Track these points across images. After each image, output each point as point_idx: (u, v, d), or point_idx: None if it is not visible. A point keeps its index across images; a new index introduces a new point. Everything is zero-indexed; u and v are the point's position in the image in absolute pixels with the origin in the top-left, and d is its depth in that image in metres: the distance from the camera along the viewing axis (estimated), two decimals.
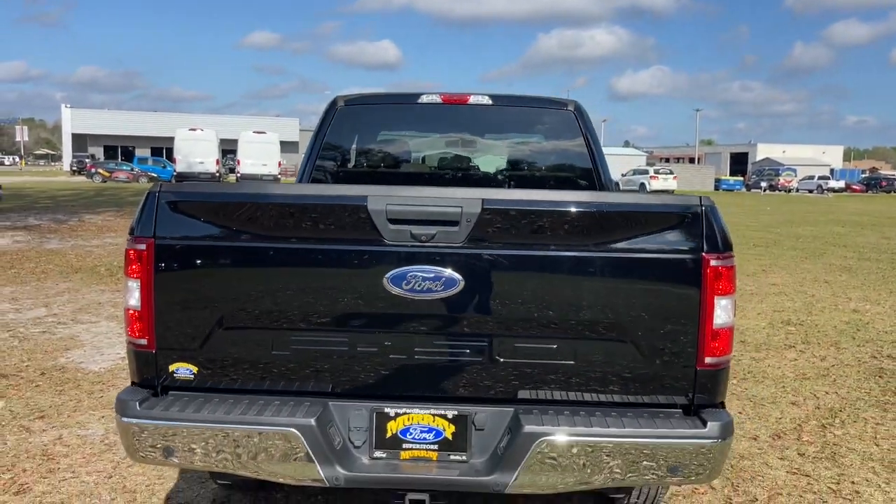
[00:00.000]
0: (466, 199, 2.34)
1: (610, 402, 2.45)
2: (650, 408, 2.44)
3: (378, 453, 2.43)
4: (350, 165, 4.66)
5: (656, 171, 44.60)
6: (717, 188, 53.25)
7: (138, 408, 2.38)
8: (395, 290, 2.34)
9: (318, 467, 2.33)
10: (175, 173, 36.68)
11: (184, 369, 2.46)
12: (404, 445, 2.44)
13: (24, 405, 4.56)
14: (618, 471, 2.34)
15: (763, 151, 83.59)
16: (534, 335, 2.40)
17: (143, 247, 2.40)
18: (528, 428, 2.33)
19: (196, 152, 35.53)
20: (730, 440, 2.39)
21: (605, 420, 2.38)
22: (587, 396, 2.45)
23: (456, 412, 2.44)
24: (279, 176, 36.51)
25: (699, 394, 2.43)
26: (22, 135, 69.78)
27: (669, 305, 2.39)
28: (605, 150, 4.59)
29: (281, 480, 2.41)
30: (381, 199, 2.35)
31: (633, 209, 2.41)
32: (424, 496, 2.41)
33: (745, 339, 6.45)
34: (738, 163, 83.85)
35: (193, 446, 2.36)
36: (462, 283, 2.34)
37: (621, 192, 2.57)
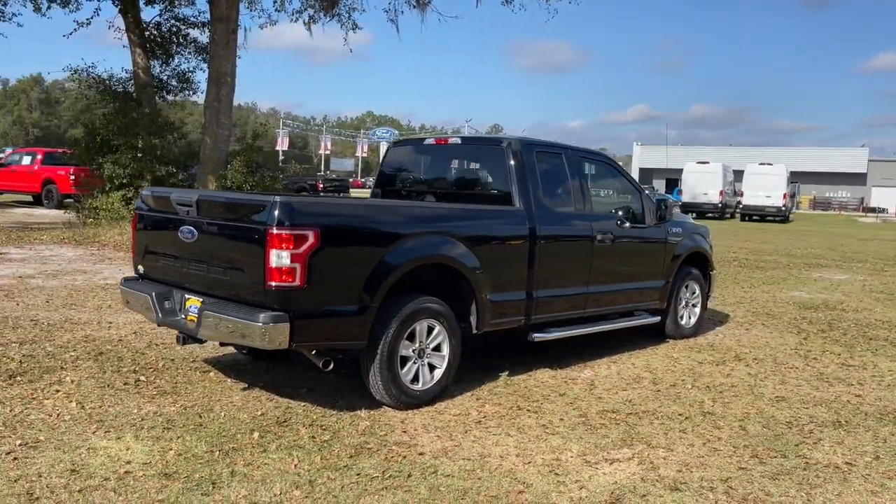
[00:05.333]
0: (194, 195, 4.95)
1: (241, 299, 4.70)
2: (255, 305, 4.61)
3: (182, 315, 5.17)
4: (393, 181, 7.11)
5: None
6: None
7: (122, 282, 5.64)
8: (180, 237, 5.07)
9: (154, 313, 5.20)
10: (680, 203, 39.29)
11: (141, 269, 5.61)
12: (189, 313, 5.11)
13: None
14: (227, 332, 4.63)
15: None
16: (218, 263, 4.85)
17: (133, 217, 5.63)
18: (204, 307, 4.80)
19: (702, 184, 37.46)
20: (276, 325, 4.42)
21: (230, 308, 4.67)
22: (233, 296, 4.76)
23: (202, 300, 5.01)
24: (782, 207, 35.92)
25: (271, 302, 4.51)
26: None
27: (254, 252, 4.54)
28: None
29: (143, 316, 5.38)
30: (175, 194, 5.13)
31: (245, 201, 4.67)
32: (181, 336, 5.09)
33: None
34: None
35: (131, 300, 5.50)
36: (198, 234, 4.94)
37: (248, 192, 4.68)
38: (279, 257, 4.44)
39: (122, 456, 4.19)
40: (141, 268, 5.63)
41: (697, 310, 8.01)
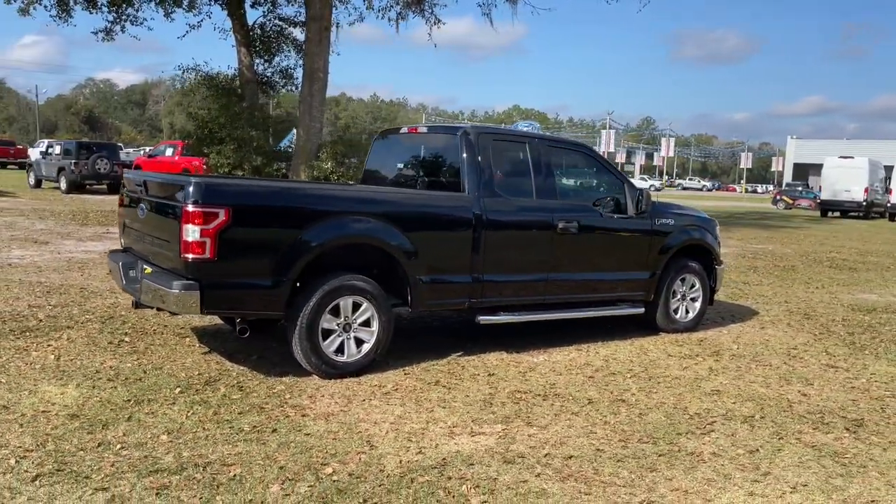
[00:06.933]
0: (143, 177, 5.59)
1: (172, 270, 5.28)
2: (180, 275, 5.17)
3: (140, 283, 5.85)
4: (376, 168, 7.51)
5: None
6: None
7: (108, 253, 6.41)
8: (139, 214, 5.75)
9: (120, 281, 5.91)
10: (819, 200, 36.84)
11: (123, 244, 6.36)
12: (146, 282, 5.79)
13: None
14: (156, 298, 5.23)
15: None
16: (158, 236, 5.46)
17: (117, 200, 6.39)
18: (145, 273, 5.43)
19: (844, 180, 34.83)
20: (188, 293, 4.97)
21: (162, 278, 5.26)
22: (166, 267, 5.35)
23: (153, 268, 5.65)
24: None
25: (186, 272, 5.05)
26: (746, 161, 77.30)
27: (175, 227, 5.11)
28: None
29: (114, 283, 6.10)
30: (135, 175, 5.81)
31: (171, 182, 5.24)
32: (134, 301, 5.76)
33: None
34: None
35: (111, 269, 6.25)
36: (147, 210, 5.60)
37: (179, 175, 5.20)
38: (192, 232, 4.98)
39: (52, 399, 4.89)
40: (122, 241, 6.39)
41: (697, 304, 7.81)
